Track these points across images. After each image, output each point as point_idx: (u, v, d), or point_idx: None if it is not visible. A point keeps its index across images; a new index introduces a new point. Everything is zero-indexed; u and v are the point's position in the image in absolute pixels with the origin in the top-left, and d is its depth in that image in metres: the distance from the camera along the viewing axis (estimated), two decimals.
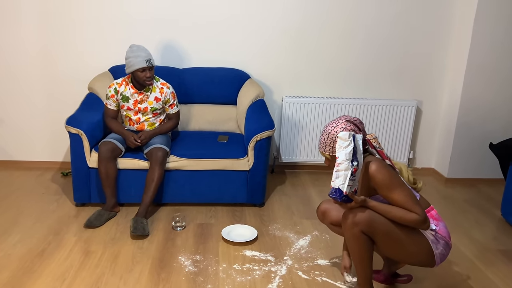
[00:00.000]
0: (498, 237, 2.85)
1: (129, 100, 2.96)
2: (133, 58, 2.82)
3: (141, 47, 2.86)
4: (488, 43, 3.48)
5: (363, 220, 1.89)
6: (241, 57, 3.62)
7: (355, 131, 1.92)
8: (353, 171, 1.83)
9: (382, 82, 3.77)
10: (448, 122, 3.77)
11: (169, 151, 2.95)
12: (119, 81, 2.98)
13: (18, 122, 3.62)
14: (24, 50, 3.46)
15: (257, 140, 2.94)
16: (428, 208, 2.01)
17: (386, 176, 1.87)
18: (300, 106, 3.65)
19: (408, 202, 1.87)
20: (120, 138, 2.95)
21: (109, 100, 2.98)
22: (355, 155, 1.86)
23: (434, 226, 1.97)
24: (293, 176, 3.75)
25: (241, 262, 2.43)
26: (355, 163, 1.84)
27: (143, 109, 2.99)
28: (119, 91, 2.95)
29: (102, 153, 2.81)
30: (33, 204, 3.02)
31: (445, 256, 2.01)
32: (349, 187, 1.83)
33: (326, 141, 1.95)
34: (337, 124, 1.95)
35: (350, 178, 1.82)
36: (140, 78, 2.86)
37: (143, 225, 2.67)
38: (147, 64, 2.82)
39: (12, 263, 2.33)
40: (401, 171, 2.04)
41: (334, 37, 3.63)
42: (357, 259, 1.98)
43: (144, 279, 2.24)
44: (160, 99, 3.00)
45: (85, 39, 3.47)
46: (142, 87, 2.96)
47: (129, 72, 2.88)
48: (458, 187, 3.68)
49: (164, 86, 3.01)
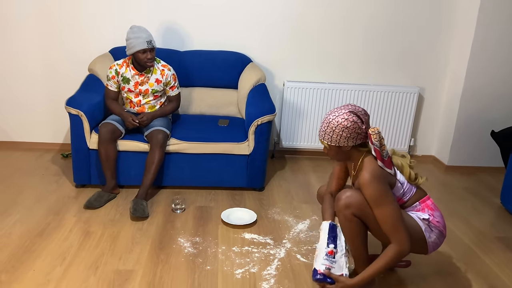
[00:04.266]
0: (496, 224, 2.86)
1: (129, 81, 2.94)
2: (134, 40, 2.79)
3: (142, 28, 2.83)
4: (492, 31, 3.45)
5: (354, 203, 1.89)
6: (243, 41, 3.58)
7: (357, 123, 1.86)
8: (328, 252, 1.96)
9: (384, 68, 3.75)
10: (450, 110, 3.75)
11: (169, 134, 2.94)
12: (120, 62, 2.95)
13: (18, 103, 3.61)
14: (24, 31, 3.43)
15: (257, 124, 2.93)
16: (424, 198, 2.01)
17: (375, 191, 1.82)
18: (302, 91, 3.63)
19: (390, 224, 1.83)
20: (120, 120, 2.94)
21: (109, 82, 2.96)
22: (334, 241, 1.99)
23: (428, 215, 1.97)
24: (293, 161, 3.75)
25: (240, 245, 2.44)
26: (331, 246, 1.98)
27: (143, 91, 2.97)
28: (120, 73, 2.93)
29: (102, 135, 2.80)
30: (33, 185, 3.03)
31: (439, 245, 2.02)
32: (324, 266, 1.95)
33: (326, 129, 1.90)
34: (339, 113, 1.88)
35: (326, 258, 1.96)
36: (141, 59, 2.84)
37: (142, 207, 2.67)
38: (148, 46, 2.80)
39: (12, 242, 2.34)
40: (402, 168, 2.01)
41: (337, 22, 3.59)
42: (351, 241, 1.99)
43: (143, 259, 2.25)
44: (161, 81, 2.98)
45: (85, 20, 3.44)
46: (143, 69, 2.93)
47: (129, 54, 2.85)
48: (458, 175, 3.68)
49: (165, 67, 2.99)
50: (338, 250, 1.99)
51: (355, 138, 1.88)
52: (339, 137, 1.87)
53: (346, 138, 1.87)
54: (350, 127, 1.86)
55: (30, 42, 3.46)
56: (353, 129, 1.86)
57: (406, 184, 1.97)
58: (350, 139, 1.88)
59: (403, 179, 1.97)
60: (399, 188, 1.94)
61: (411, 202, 1.98)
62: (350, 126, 1.86)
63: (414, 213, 1.98)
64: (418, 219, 1.96)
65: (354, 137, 1.88)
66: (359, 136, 1.89)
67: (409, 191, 1.98)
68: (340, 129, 1.86)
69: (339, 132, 1.86)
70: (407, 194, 1.97)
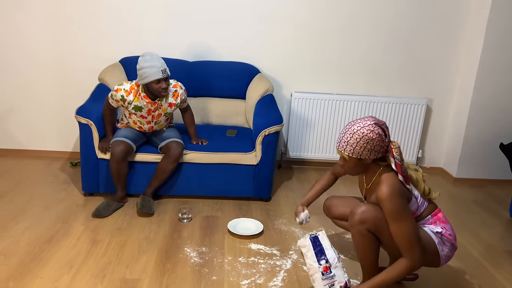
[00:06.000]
0: (505, 238, 2.83)
1: (142, 109, 2.80)
2: (148, 69, 2.61)
3: (154, 56, 2.65)
4: (501, 43, 3.44)
5: (370, 218, 1.87)
6: (251, 52, 3.61)
7: (381, 135, 1.83)
8: (323, 270, 1.90)
9: (392, 80, 3.75)
10: (458, 122, 3.74)
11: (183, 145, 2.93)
12: (127, 88, 2.76)
13: (28, 111, 3.66)
14: (35, 40, 3.49)
15: (265, 135, 2.94)
16: (435, 211, 2.00)
17: (395, 206, 1.79)
18: (309, 102, 3.64)
19: (406, 239, 1.80)
20: (131, 136, 2.87)
21: (112, 101, 2.81)
22: (322, 253, 1.93)
23: (440, 228, 1.96)
24: (300, 172, 3.74)
25: (247, 255, 2.44)
26: (322, 262, 1.92)
27: (156, 116, 2.87)
28: (126, 100, 2.76)
29: (116, 155, 2.76)
30: (42, 193, 3.05)
31: (450, 258, 2.01)
32: (327, 286, 1.91)
33: (349, 140, 1.84)
34: (364, 124, 1.84)
35: (324, 278, 1.91)
36: (155, 89, 2.67)
37: (150, 204, 2.75)
38: (163, 75, 2.63)
39: (21, 249, 2.36)
40: (416, 183, 1.99)
41: (345, 33, 3.61)
42: (362, 256, 1.97)
43: (150, 269, 2.26)
44: (174, 104, 2.87)
45: (96, 29, 3.49)
46: (156, 98, 2.77)
47: (143, 84, 2.68)
48: (467, 187, 3.65)
49: (177, 87, 2.86)
50: (331, 261, 1.93)
51: (377, 151, 1.85)
52: (363, 149, 1.83)
53: (370, 151, 1.83)
54: (375, 139, 1.82)
55: (41, 52, 3.52)
56: (378, 141, 1.82)
57: (420, 198, 1.96)
58: (373, 152, 1.84)
59: (417, 193, 1.96)
60: (414, 203, 1.93)
61: (424, 216, 1.98)
62: (376, 138, 1.82)
63: (426, 226, 1.97)
64: (431, 232, 1.95)
65: (377, 150, 1.84)
66: (381, 150, 1.85)
67: (422, 205, 1.97)
68: (365, 140, 1.82)
69: (363, 143, 1.82)
70: (421, 208, 1.97)
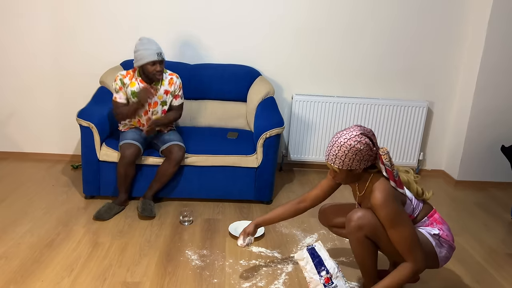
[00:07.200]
0: (507, 241, 2.82)
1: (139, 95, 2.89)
2: (143, 51, 2.75)
3: (151, 40, 2.80)
4: (502, 46, 3.44)
5: (367, 224, 1.85)
6: (252, 54, 3.62)
7: (369, 145, 1.81)
8: (324, 282, 1.88)
9: (393, 82, 3.75)
10: (459, 124, 3.73)
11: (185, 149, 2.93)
12: (124, 73, 2.88)
13: (29, 114, 3.66)
14: (36, 43, 3.50)
15: (266, 137, 2.94)
16: (431, 212, 1.99)
17: (391, 212, 1.78)
18: (310, 105, 3.64)
19: (407, 244, 1.79)
20: (139, 139, 2.88)
21: (118, 94, 2.86)
22: (321, 264, 1.91)
23: (437, 230, 1.95)
24: (301, 174, 3.74)
25: (248, 258, 2.43)
26: (323, 273, 1.90)
27: (153, 105, 2.93)
28: (126, 83, 2.85)
29: (127, 157, 2.76)
30: (43, 195, 3.05)
31: (449, 259, 2.00)
32: None
33: (337, 153, 1.81)
34: (350, 136, 1.80)
35: None
36: (150, 71, 2.79)
37: (150, 207, 2.76)
38: (158, 58, 2.75)
39: (22, 252, 2.36)
40: (409, 184, 1.98)
41: (346, 36, 3.61)
42: (361, 262, 1.96)
43: (151, 272, 2.26)
44: (169, 91, 2.94)
45: (97, 32, 3.50)
46: (151, 82, 2.88)
47: (138, 66, 2.79)
48: (468, 190, 3.64)
49: (173, 75, 2.95)
50: (331, 272, 1.91)
51: (367, 160, 1.83)
52: (352, 161, 1.81)
53: (359, 161, 1.81)
54: (363, 150, 1.79)
55: (42, 55, 3.53)
56: (366, 151, 1.80)
57: (414, 200, 1.95)
58: (363, 162, 1.82)
59: (411, 195, 1.95)
60: (408, 205, 1.92)
61: (420, 218, 1.97)
62: (364, 149, 1.79)
63: (423, 228, 1.97)
64: (428, 235, 1.94)
65: (367, 159, 1.82)
66: (371, 158, 1.84)
67: (417, 207, 1.96)
68: (354, 152, 1.79)
69: (352, 155, 1.80)
70: (416, 210, 1.96)
